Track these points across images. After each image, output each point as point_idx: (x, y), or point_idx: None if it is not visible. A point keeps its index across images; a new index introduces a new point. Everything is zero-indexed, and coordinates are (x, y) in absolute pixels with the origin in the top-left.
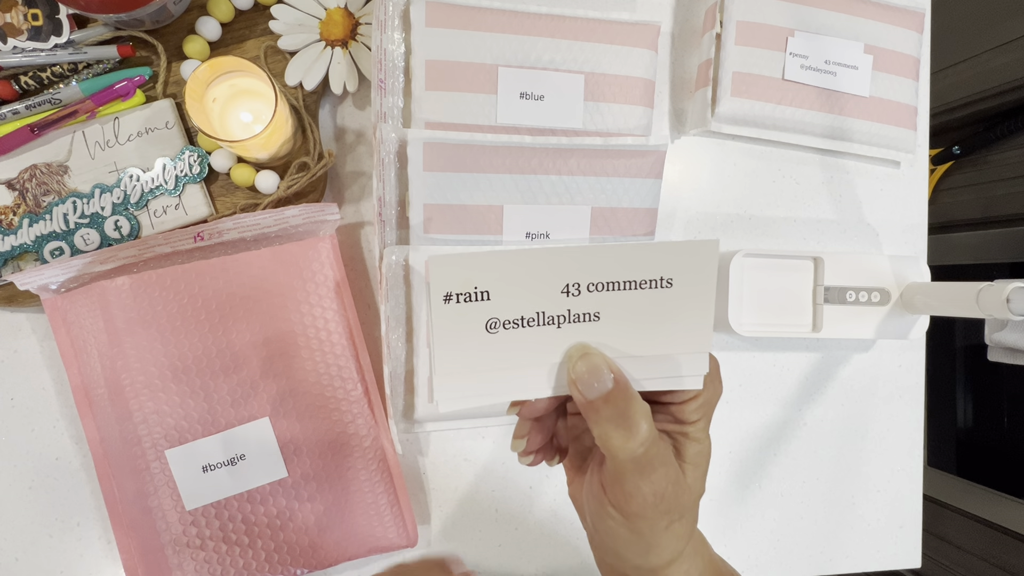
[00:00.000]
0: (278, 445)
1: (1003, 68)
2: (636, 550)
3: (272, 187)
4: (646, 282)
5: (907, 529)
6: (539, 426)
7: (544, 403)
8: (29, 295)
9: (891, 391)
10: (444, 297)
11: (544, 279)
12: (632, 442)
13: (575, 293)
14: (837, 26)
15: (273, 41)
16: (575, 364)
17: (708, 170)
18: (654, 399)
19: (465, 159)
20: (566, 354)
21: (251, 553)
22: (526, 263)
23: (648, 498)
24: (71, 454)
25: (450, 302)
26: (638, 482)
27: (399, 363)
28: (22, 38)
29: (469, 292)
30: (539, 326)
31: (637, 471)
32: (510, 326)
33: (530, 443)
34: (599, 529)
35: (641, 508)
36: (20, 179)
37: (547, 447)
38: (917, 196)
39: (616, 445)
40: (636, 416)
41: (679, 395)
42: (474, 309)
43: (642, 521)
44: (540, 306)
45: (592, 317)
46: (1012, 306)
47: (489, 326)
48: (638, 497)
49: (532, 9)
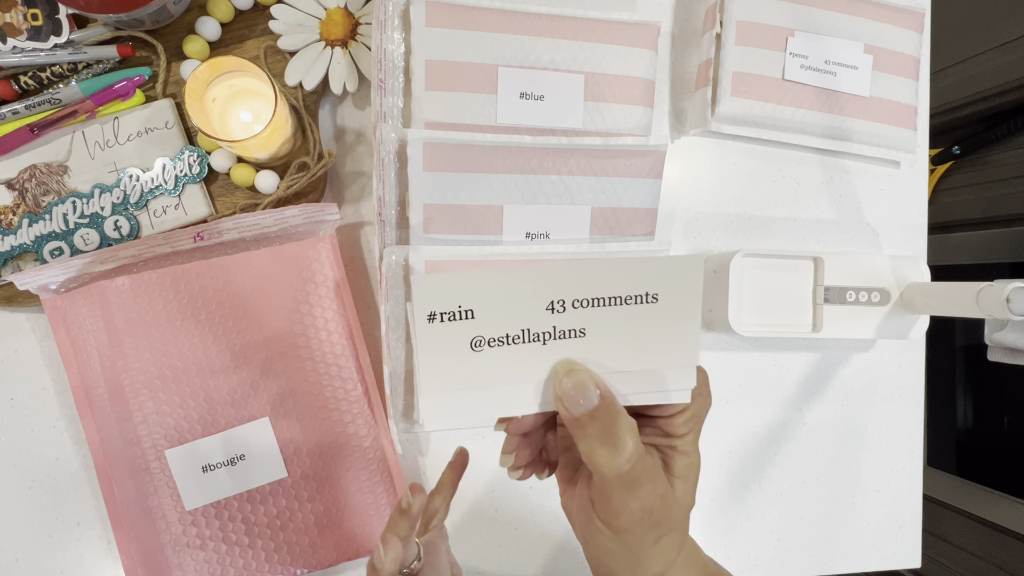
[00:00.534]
0: (278, 445)
1: (1003, 68)
2: (626, 564)
3: (272, 187)
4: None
5: (907, 529)
6: (527, 441)
7: (531, 419)
8: (29, 295)
9: (891, 391)
10: (428, 316)
11: (529, 296)
12: (618, 459)
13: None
14: (837, 26)
15: (273, 41)
16: (561, 380)
17: (708, 170)
18: (642, 413)
19: (465, 159)
20: (552, 370)
21: (251, 553)
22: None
23: (636, 513)
24: (71, 454)
25: (434, 321)
26: (625, 498)
27: (399, 363)
28: (22, 38)
29: (453, 311)
30: (524, 343)
31: (624, 487)
32: (495, 344)
33: (518, 458)
34: (589, 543)
35: (628, 523)
36: (20, 179)
37: (536, 461)
38: (917, 196)
39: (602, 462)
40: (622, 433)
41: (667, 409)
42: (458, 328)
43: (630, 536)
44: (525, 323)
45: (578, 333)
46: (1012, 306)
47: (474, 344)
48: (625, 513)
49: (532, 9)
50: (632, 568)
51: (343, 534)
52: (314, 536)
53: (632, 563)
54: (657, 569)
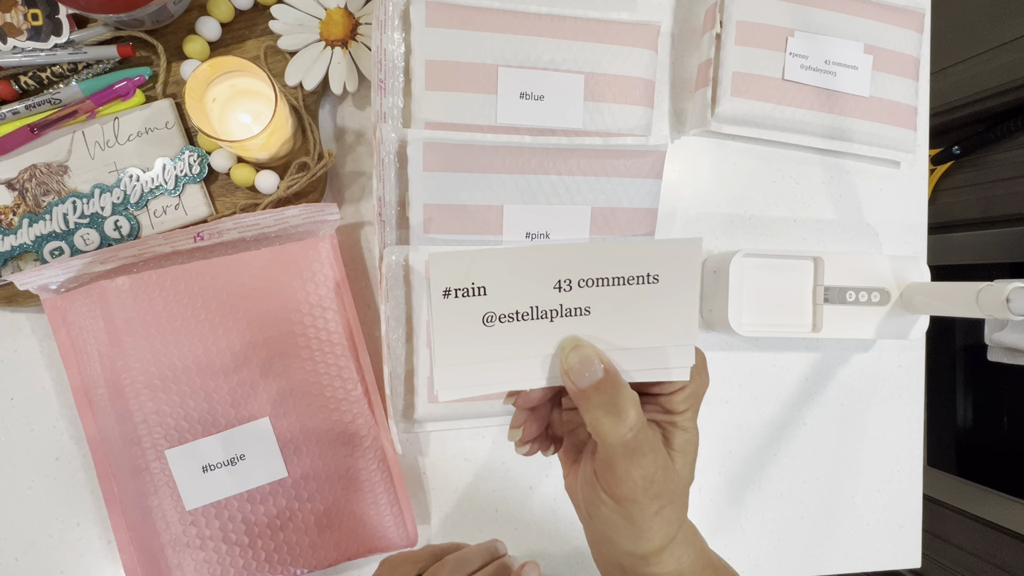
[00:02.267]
0: (278, 445)
1: (1003, 68)
2: (628, 535)
3: (272, 187)
4: (633, 278)
5: (907, 529)
6: (534, 416)
7: (539, 393)
8: (29, 295)
9: (891, 391)
10: (443, 292)
11: (538, 275)
12: (622, 427)
13: (567, 288)
14: (837, 26)
15: (273, 41)
16: (567, 355)
17: (708, 170)
18: (643, 390)
19: (465, 159)
20: (559, 346)
21: (251, 553)
22: (521, 260)
23: (638, 482)
24: (71, 454)
25: (449, 297)
26: (628, 467)
27: (399, 363)
28: (22, 38)
29: (467, 287)
30: (533, 320)
31: (627, 456)
32: (505, 319)
33: (526, 432)
34: (592, 516)
35: (632, 492)
36: (20, 179)
37: (542, 437)
38: (917, 196)
39: (606, 430)
40: (625, 403)
41: (667, 386)
42: (471, 304)
43: (633, 505)
44: (534, 301)
45: (583, 311)
46: (1012, 306)
47: (486, 320)
48: (628, 481)
49: (532, 9)
50: (634, 540)
51: (343, 534)
52: (314, 536)
53: (634, 535)
54: (658, 541)
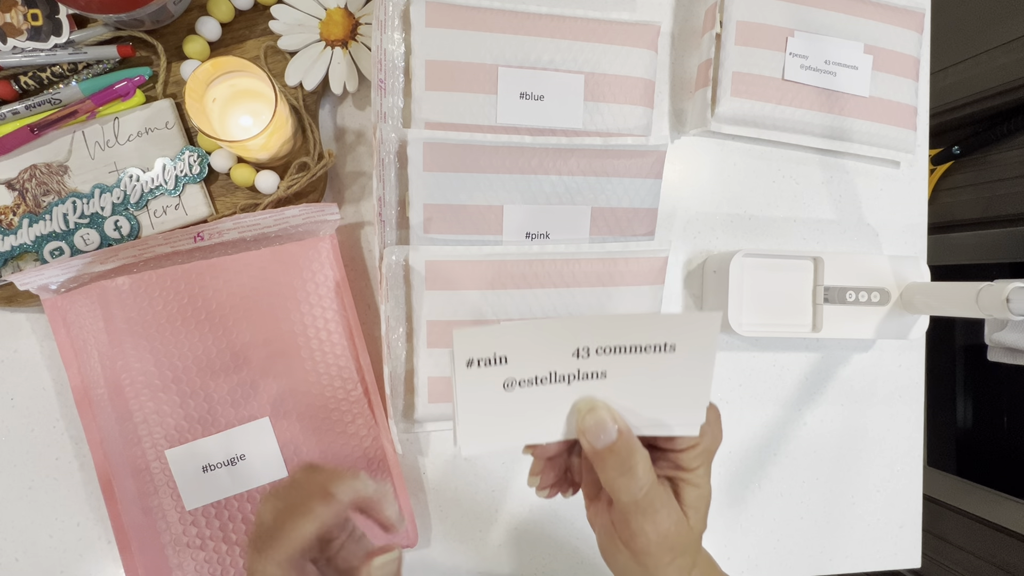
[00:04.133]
0: (278, 445)
1: (1003, 68)
2: None
3: (272, 187)
4: (651, 347)
5: (907, 529)
6: (552, 464)
7: (556, 446)
8: (29, 295)
9: (891, 391)
10: (467, 363)
11: (558, 344)
12: (633, 487)
13: (585, 355)
14: (837, 26)
15: (273, 41)
16: (584, 417)
17: (708, 170)
18: (656, 446)
19: (465, 159)
20: (574, 406)
21: None
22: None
23: (652, 537)
24: (71, 454)
25: (472, 367)
26: (642, 523)
27: (399, 363)
28: (22, 38)
29: (489, 358)
30: (551, 383)
31: (640, 512)
32: (525, 384)
33: (543, 479)
34: (611, 562)
35: (646, 546)
36: (20, 179)
37: (561, 481)
38: (917, 196)
39: (620, 489)
40: (637, 465)
41: (679, 442)
42: (493, 372)
43: (648, 558)
44: (552, 367)
45: (599, 375)
46: (1012, 306)
47: (506, 385)
48: (642, 536)
49: (532, 9)
50: None
51: None
52: None
53: None
54: None
